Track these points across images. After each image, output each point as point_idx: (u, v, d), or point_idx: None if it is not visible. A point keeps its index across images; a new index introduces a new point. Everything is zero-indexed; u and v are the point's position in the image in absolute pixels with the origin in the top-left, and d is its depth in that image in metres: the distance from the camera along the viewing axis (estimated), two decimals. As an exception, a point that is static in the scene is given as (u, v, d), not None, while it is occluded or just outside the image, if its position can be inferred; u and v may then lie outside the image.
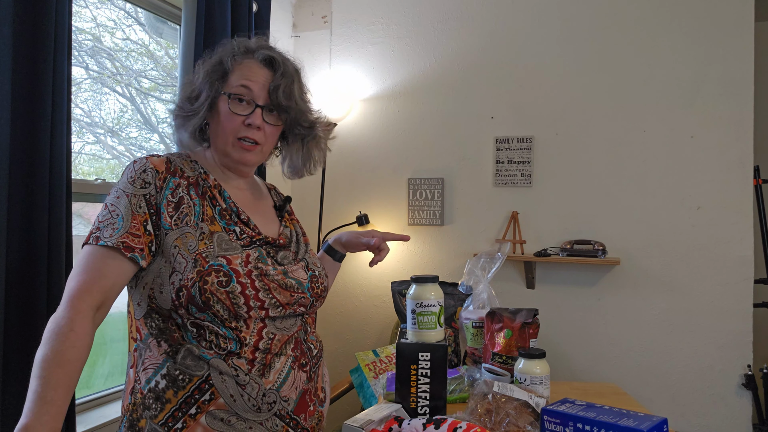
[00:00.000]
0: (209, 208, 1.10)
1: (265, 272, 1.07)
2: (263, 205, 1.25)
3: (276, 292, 1.08)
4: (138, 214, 1.03)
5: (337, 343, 2.99)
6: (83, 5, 2.06)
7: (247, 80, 1.12)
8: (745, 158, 2.40)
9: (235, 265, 1.04)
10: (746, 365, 2.38)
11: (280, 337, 1.09)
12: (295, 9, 3.10)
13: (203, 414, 1.02)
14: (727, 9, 2.41)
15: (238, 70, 1.13)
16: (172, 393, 1.02)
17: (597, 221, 2.58)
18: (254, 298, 1.04)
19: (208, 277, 1.01)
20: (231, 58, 1.15)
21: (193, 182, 1.11)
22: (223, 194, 1.14)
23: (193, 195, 1.10)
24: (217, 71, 1.14)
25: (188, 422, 1.01)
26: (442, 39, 2.82)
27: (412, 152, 2.87)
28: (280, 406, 1.07)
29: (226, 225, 1.10)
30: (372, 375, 1.68)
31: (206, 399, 1.02)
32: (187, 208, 1.07)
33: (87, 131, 2.15)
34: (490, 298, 1.67)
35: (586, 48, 2.60)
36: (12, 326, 1.49)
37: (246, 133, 1.12)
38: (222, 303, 1.01)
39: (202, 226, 1.07)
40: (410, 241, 2.87)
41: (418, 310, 1.27)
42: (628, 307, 2.53)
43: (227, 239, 1.08)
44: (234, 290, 1.02)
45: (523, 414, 1.17)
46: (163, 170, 1.08)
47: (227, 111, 1.11)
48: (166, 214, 1.05)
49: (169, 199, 1.07)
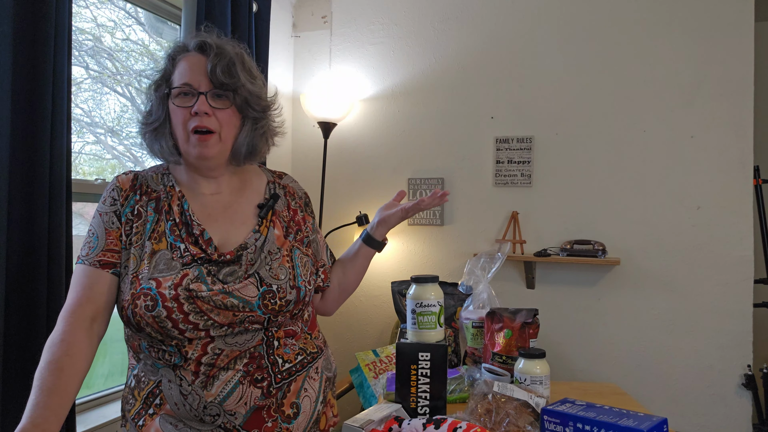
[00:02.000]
0: (162, 223, 1.10)
1: (197, 294, 1.03)
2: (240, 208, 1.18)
3: (213, 313, 1.04)
4: (112, 230, 1.09)
5: (337, 343, 2.99)
6: (83, 5, 2.06)
7: (185, 74, 1.10)
8: (745, 158, 2.40)
9: (163, 288, 1.02)
10: (746, 365, 2.38)
11: (229, 352, 1.06)
12: (295, 9, 3.10)
13: (158, 416, 1.08)
14: (727, 9, 2.41)
15: (177, 69, 1.12)
16: (137, 392, 1.10)
17: (597, 221, 2.58)
18: (183, 321, 1.02)
19: (138, 301, 1.02)
20: (169, 59, 1.14)
21: (155, 197, 1.13)
22: (183, 206, 1.12)
23: (150, 211, 1.11)
24: (160, 77, 1.14)
25: (147, 421, 1.08)
26: (442, 39, 2.82)
27: (412, 152, 2.87)
28: (225, 419, 1.05)
29: (174, 241, 1.09)
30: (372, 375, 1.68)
31: (158, 403, 1.08)
32: (140, 225, 1.10)
33: (87, 131, 2.15)
34: (490, 298, 1.67)
35: (586, 48, 2.60)
36: (12, 326, 1.49)
37: (196, 122, 1.08)
38: (151, 326, 1.02)
39: (147, 245, 1.08)
40: (410, 241, 2.87)
41: (418, 310, 1.27)
42: (628, 307, 2.53)
43: (168, 258, 1.07)
44: (159, 314, 1.01)
45: (523, 414, 1.17)
46: (126, 188, 1.12)
47: (174, 107, 1.10)
48: (123, 232, 1.09)
49: (128, 217, 1.10)
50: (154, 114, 1.13)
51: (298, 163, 3.09)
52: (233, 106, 1.12)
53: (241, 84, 1.12)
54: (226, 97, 1.11)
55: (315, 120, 2.80)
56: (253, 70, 1.17)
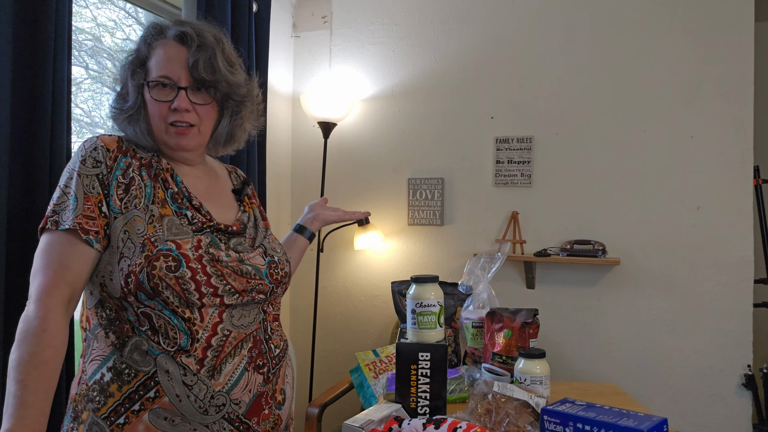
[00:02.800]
0: (161, 190, 1.06)
1: (217, 258, 1.03)
2: (219, 190, 1.20)
3: (230, 278, 1.04)
4: (92, 195, 1.00)
5: (337, 343, 2.99)
6: (83, 5, 2.06)
7: (164, 65, 1.05)
8: (745, 158, 2.40)
9: (185, 249, 1.00)
10: (746, 365, 2.38)
11: (236, 335, 1.05)
12: (295, 9, 3.10)
13: (146, 411, 0.98)
14: (727, 9, 2.41)
15: (154, 56, 1.07)
16: (116, 387, 0.99)
17: (597, 221, 2.58)
18: (206, 284, 1.00)
19: (157, 262, 0.97)
20: (145, 44, 1.08)
21: (146, 163, 1.07)
22: (176, 178, 1.10)
23: (144, 176, 1.06)
24: (135, 62, 1.08)
25: (131, 418, 0.98)
26: (442, 39, 2.82)
27: (412, 152, 2.87)
28: (230, 408, 1.03)
29: (178, 209, 1.06)
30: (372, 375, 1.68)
31: (151, 396, 0.99)
32: (137, 189, 1.03)
33: (87, 131, 2.15)
34: (490, 298, 1.67)
35: (586, 48, 2.60)
36: (12, 327, 1.49)
37: (175, 117, 1.06)
38: (171, 289, 0.97)
39: (152, 208, 1.03)
40: (410, 241, 2.87)
41: (418, 310, 1.27)
42: (628, 307, 2.53)
43: (178, 223, 1.04)
44: (184, 275, 0.98)
45: (523, 414, 1.17)
46: (114, 149, 1.04)
47: (151, 100, 1.06)
48: (116, 197, 1.01)
49: (120, 180, 1.02)
50: (130, 101, 1.08)
51: (298, 163, 3.09)
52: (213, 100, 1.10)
53: (223, 78, 1.09)
54: (206, 92, 1.08)
55: (315, 120, 2.80)
56: (232, 57, 1.13)
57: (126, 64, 1.09)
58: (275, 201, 2.95)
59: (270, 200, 2.87)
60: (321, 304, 3.00)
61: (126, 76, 1.09)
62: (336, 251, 3.00)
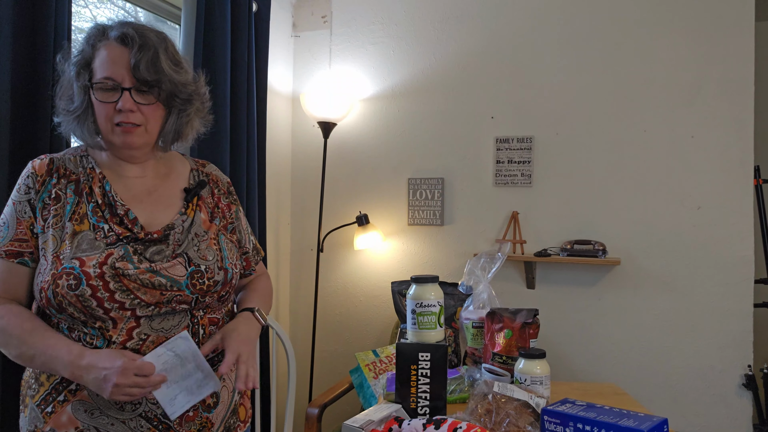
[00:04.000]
0: (84, 204, 1.09)
1: (122, 272, 1.04)
2: (164, 191, 1.19)
3: (139, 292, 1.05)
4: (24, 220, 1.07)
5: (337, 343, 2.99)
6: (83, 5, 2.06)
7: (107, 67, 1.07)
8: (746, 158, 2.40)
9: (87, 267, 1.02)
10: (747, 365, 2.37)
11: (155, 338, 1.07)
12: (294, 9, 3.10)
13: (69, 403, 1.04)
14: (727, 9, 2.41)
15: (98, 57, 1.08)
16: (45, 377, 1.07)
17: (597, 221, 2.57)
18: (109, 299, 1.02)
19: (60, 280, 1.01)
20: (89, 45, 1.10)
21: (74, 179, 1.11)
22: (105, 187, 1.11)
23: (69, 193, 1.09)
24: (79, 62, 1.10)
25: (56, 407, 1.05)
26: (442, 39, 2.82)
27: (412, 152, 2.87)
28: (146, 407, 1.06)
29: (96, 222, 1.08)
30: (372, 375, 1.68)
31: (72, 389, 1.05)
32: (59, 208, 1.08)
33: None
34: (490, 298, 1.67)
35: (586, 48, 2.59)
36: (11, 326, 1.49)
37: (121, 118, 1.07)
38: (74, 306, 1.01)
39: (67, 226, 1.06)
40: (410, 241, 2.87)
41: (418, 310, 1.27)
42: (629, 307, 2.53)
43: (91, 238, 1.06)
44: (84, 293, 1.01)
45: (523, 414, 1.17)
46: (42, 173, 1.09)
47: (97, 101, 1.08)
48: (40, 218, 1.07)
49: (45, 202, 1.08)
50: (76, 101, 1.10)
51: (297, 163, 3.08)
52: (158, 101, 1.11)
53: (166, 78, 1.09)
54: (150, 93, 1.09)
55: (315, 120, 2.80)
56: (176, 56, 1.14)
57: (70, 65, 1.11)
58: (275, 201, 2.95)
59: (270, 200, 2.87)
60: (321, 304, 2.99)
61: (71, 78, 1.10)
62: (336, 251, 2.99)
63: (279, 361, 2.89)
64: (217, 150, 2.25)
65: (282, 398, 2.92)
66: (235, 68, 2.39)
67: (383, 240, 2.87)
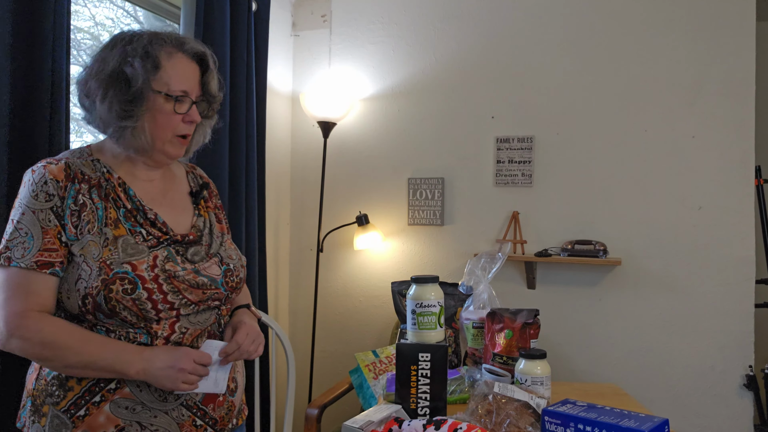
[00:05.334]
0: (113, 210, 1.09)
1: (174, 274, 1.08)
2: (175, 195, 1.22)
3: (187, 292, 1.09)
4: (49, 228, 1.03)
5: (337, 344, 2.99)
6: (82, 4, 2.05)
7: (183, 81, 1.11)
8: (747, 158, 2.39)
9: (140, 271, 1.04)
10: (748, 366, 2.37)
11: (193, 331, 1.12)
12: (294, 8, 3.09)
13: (107, 402, 1.05)
14: (728, 9, 2.40)
15: (172, 68, 1.09)
16: (75, 381, 1.05)
17: (598, 221, 2.57)
18: (162, 301, 1.06)
19: (113, 285, 1.01)
20: (161, 49, 1.09)
21: (95, 184, 1.09)
22: (129, 192, 1.12)
23: (95, 198, 1.08)
24: (148, 62, 1.08)
25: (91, 410, 1.04)
26: (442, 38, 2.82)
27: (412, 152, 2.86)
28: (187, 396, 1.11)
29: (132, 227, 1.09)
30: (372, 376, 1.67)
31: (111, 388, 1.05)
32: (89, 214, 1.06)
33: (85, 130, 2.14)
34: (490, 298, 1.67)
35: (587, 48, 2.59)
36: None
37: (185, 130, 1.14)
38: (129, 310, 1.03)
39: (105, 231, 1.06)
40: (410, 241, 2.86)
41: (418, 310, 1.27)
42: (629, 307, 2.53)
43: (133, 242, 1.07)
44: (140, 297, 1.03)
45: (524, 415, 1.17)
46: (62, 179, 1.05)
47: (170, 111, 1.09)
48: (70, 225, 1.04)
49: (72, 208, 1.05)
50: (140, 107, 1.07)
51: (297, 162, 3.08)
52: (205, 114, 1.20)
53: (218, 96, 1.20)
54: (200, 107, 1.18)
55: (314, 119, 2.80)
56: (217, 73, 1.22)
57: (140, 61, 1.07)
58: (275, 201, 2.94)
59: (270, 200, 2.86)
60: (321, 304, 2.99)
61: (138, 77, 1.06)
62: (336, 251, 2.99)
63: (278, 362, 2.88)
64: (217, 150, 2.24)
65: (282, 398, 2.91)
66: (234, 68, 2.38)
67: (383, 240, 2.87)
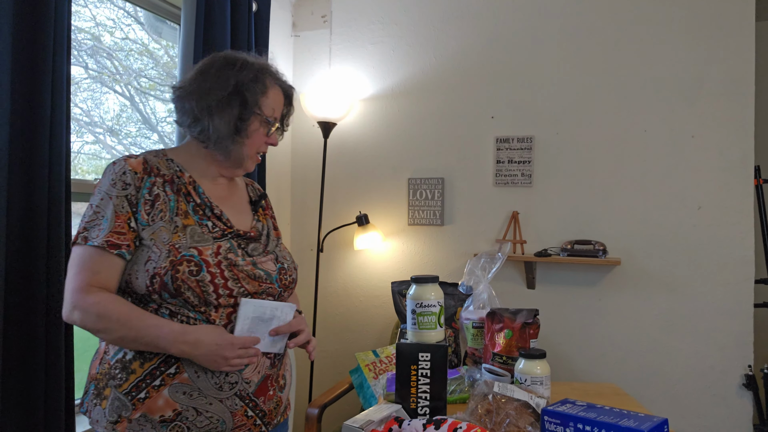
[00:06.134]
0: (183, 203, 1.20)
1: (234, 263, 1.16)
2: (237, 200, 1.35)
3: (245, 281, 1.17)
4: (122, 214, 1.13)
5: (337, 344, 2.99)
6: (83, 4, 2.05)
7: (276, 109, 1.28)
8: (746, 158, 2.39)
9: (205, 255, 1.13)
10: (747, 365, 2.37)
11: None
12: (294, 8, 3.09)
13: (167, 386, 1.11)
14: (727, 8, 2.40)
15: (273, 96, 1.26)
16: (138, 364, 1.12)
17: (598, 221, 2.57)
18: (223, 286, 1.13)
19: (180, 266, 1.10)
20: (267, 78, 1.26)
21: (168, 180, 1.20)
22: (198, 190, 1.23)
23: (168, 191, 1.19)
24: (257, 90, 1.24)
25: (151, 393, 1.10)
26: (442, 38, 2.82)
27: (412, 152, 2.86)
28: (241, 386, 1.16)
29: (199, 219, 1.20)
30: (372, 375, 1.68)
31: (171, 372, 1.11)
32: (162, 204, 1.17)
33: (86, 131, 2.14)
34: (490, 298, 1.67)
35: (586, 47, 2.59)
36: (11, 325, 1.48)
37: (265, 149, 1.30)
38: (192, 290, 1.10)
39: (176, 220, 1.17)
40: (410, 241, 2.87)
41: (418, 310, 1.27)
42: (629, 307, 2.53)
43: (199, 232, 1.18)
44: (204, 279, 1.11)
45: (523, 414, 1.17)
46: (140, 171, 1.18)
47: (263, 133, 1.26)
48: (143, 212, 1.15)
49: (146, 198, 1.16)
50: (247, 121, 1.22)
51: (297, 162, 3.08)
52: None
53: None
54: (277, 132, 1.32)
55: (315, 120, 2.80)
56: None
57: (253, 86, 1.23)
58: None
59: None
60: (321, 304, 2.99)
61: (254, 101, 1.22)
62: (336, 251, 2.99)
63: (279, 361, 2.89)
64: (217, 150, 2.24)
65: (282, 398, 2.91)
66: (234, 68, 2.38)
67: (383, 240, 2.87)
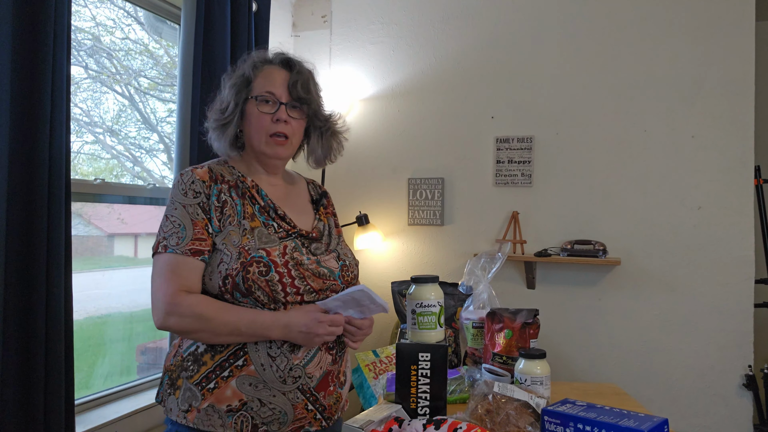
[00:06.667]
0: (249, 206, 1.26)
1: (300, 262, 1.22)
2: (298, 199, 1.39)
3: (310, 279, 1.22)
4: (198, 221, 1.20)
5: (337, 344, 2.99)
6: (82, 4, 2.05)
7: (269, 85, 1.28)
8: (746, 158, 2.39)
9: (273, 256, 1.19)
10: (747, 365, 2.37)
11: None
12: (294, 8, 3.09)
13: (234, 378, 1.17)
14: (727, 8, 2.40)
15: (261, 77, 1.29)
16: (209, 357, 1.18)
17: (597, 221, 2.57)
18: (291, 285, 1.19)
19: (250, 267, 1.16)
20: (252, 68, 1.30)
21: (233, 185, 1.27)
22: (261, 193, 1.29)
23: (234, 196, 1.25)
24: (241, 82, 1.29)
25: (220, 383, 1.17)
26: (442, 38, 2.82)
27: (412, 152, 2.86)
28: (304, 381, 1.20)
29: (265, 221, 1.26)
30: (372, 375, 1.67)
31: (239, 364, 1.17)
32: (230, 209, 1.23)
33: (86, 131, 2.14)
34: (490, 298, 1.67)
35: (586, 47, 2.59)
36: (10, 326, 1.48)
37: (276, 128, 1.27)
38: (262, 290, 1.17)
39: (243, 223, 1.23)
40: (410, 241, 2.87)
41: (418, 310, 1.27)
42: (629, 307, 2.53)
43: (266, 233, 1.24)
44: (273, 279, 1.17)
45: (523, 414, 1.17)
46: (207, 179, 1.24)
47: (257, 112, 1.27)
48: (215, 219, 1.22)
49: (215, 205, 1.23)
50: (228, 113, 1.28)
51: (297, 162, 3.08)
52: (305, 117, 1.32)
53: (314, 99, 1.32)
54: (300, 109, 1.31)
55: (315, 120, 2.80)
56: (319, 85, 1.37)
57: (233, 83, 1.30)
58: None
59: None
60: (321, 304, 2.99)
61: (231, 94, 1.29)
62: (336, 251, 2.99)
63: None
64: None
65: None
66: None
67: (383, 240, 2.87)
